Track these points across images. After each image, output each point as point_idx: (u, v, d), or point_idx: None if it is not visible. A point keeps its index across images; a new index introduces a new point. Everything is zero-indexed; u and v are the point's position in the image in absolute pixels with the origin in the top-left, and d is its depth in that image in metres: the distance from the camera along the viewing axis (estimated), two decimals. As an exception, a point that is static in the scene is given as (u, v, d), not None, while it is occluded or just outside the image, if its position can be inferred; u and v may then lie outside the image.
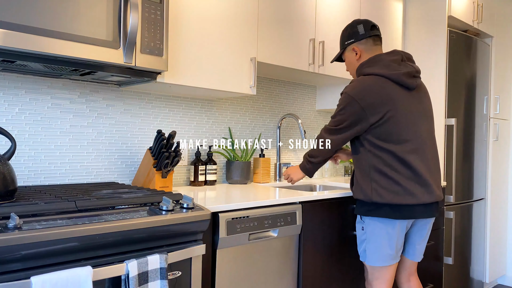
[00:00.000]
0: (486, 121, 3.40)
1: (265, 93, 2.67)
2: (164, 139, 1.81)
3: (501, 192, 3.62)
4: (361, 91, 1.77)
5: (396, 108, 1.77)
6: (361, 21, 1.95)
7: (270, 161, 2.54)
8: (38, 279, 1.02)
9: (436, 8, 2.99)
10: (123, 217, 1.25)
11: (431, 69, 3.00)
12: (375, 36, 1.94)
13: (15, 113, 1.71)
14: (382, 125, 1.76)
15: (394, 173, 1.75)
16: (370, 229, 1.84)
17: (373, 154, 1.78)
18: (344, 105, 1.81)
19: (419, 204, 1.77)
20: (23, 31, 1.30)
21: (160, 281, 1.25)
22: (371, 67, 1.84)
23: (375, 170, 1.78)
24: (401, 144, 1.76)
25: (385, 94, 1.77)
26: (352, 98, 1.78)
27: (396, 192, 1.74)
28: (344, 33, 1.99)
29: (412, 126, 1.79)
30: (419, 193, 1.76)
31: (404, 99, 1.79)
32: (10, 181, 1.27)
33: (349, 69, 2.03)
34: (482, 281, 3.41)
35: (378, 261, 1.83)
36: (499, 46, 3.54)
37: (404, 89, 1.81)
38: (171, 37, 1.78)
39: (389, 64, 1.82)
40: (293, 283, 1.88)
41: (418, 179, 1.76)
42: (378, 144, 1.77)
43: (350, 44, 1.96)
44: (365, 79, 1.81)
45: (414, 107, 1.82)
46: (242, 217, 1.64)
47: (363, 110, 1.76)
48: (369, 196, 1.78)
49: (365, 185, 1.80)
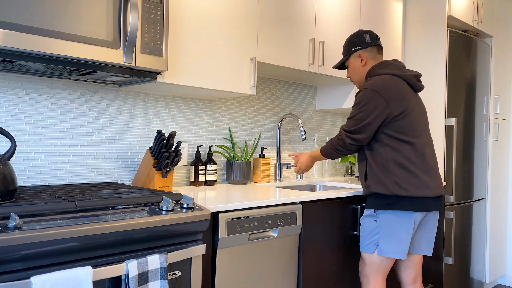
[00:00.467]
0: (486, 121, 3.40)
1: (265, 93, 2.67)
2: (164, 139, 1.81)
3: (501, 192, 3.62)
4: (383, 86, 1.88)
5: (412, 104, 1.90)
6: (366, 30, 2.10)
7: (270, 161, 2.54)
8: (38, 279, 1.02)
9: (436, 8, 2.99)
10: (123, 217, 1.25)
11: (431, 69, 3.00)
12: (379, 46, 2.07)
13: (15, 113, 1.71)
14: (403, 119, 1.86)
15: (413, 166, 1.84)
16: (387, 222, 1.87)
17: (391, 147, 1.86)
18: (367, 99, 1.87)
19: (433, 196, 1.87)
20: (23, 31, 1.30)
21: (160, 281, 1.25)
22: (384, 69, 1.96)
23: (394, 163, 1.85)
24: (418, 138, 1.88)
25: (404, 91, 1.90)
26: (376, 92, 1.87)
27: (415, 184, 1.83)
28: (350, 41, 2.10)
29: (422, 124, 1.92)
30: (433, 186, 1.86)
31: (413, 99, 1.94)
32: (10, 181, 1.27)
33: (353, 74, 2.11)
34: (482, 281, 3.41)
35: (395, 253, 1.86)
36: (499, 46, 3.54)
37: (412, 91, 1.97)
38: (171, 37, 1.78)
39: (400, 67, 1.98)
40: (293, 283, 1.88)
41: (430, 172, 1.87)
42: (398, 137, 1.86)
43: (357, 51, 2.07)
44: (384, 77, 1.92)
45: (420, 108, 1.96)
46: (242, 217, 1.64)
47: (387, 103, 1.85)
48: (390, 189, 1.84)
49: (385, 178, 1.86)
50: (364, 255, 1.95)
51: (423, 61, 3.05)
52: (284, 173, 2.79)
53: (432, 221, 1.97)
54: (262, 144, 2.66)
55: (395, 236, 1.86)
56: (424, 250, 2.00)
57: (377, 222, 1.90)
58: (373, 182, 1.89)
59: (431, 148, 1.94)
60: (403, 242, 1.86)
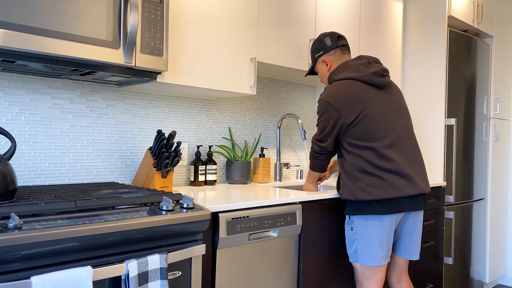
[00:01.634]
0: (486, 121, 3.40)
1: (265, 93, 2.67)
2: (164, 139, 1.81)
3: (501, 192, 3.62)
4: (334, 95, 1.87)
5: (369, 106, 1.85)
6: (327, 33, 2.07)
7: (270, 161, 2.54)
8: (38, 279, 1.02)
9: (436, 8, 2.99)
10: (123, 217, 1.25)
11: (431, 69, 3.00)
12: (343, 46, 2.05)
13: (15, 113, 1.71)
14: (358, 124, 1.84)
15: (376, 169, 1.81)
16: (360, 228, 1.86)
17: (353, 154, 1.85)
18: (322, 111, 1.91)
19: (404, 196, 1.81)
20: (23, 31, 1.30)
21: (160, 281, 1.25)
22: (341, 73, 1.94)
23: (357, 169, 1.84)
24: (379, 141, 1.83)
25: (358, 95, 1.86)
26: (327, 102, 1.88)
27: (380, 186, 1.80)
28: (313, 47, 2.10)
29: (388, 122, 1.86)
30: (402, 186, 1.81)
31: (376, 97, 1.88)
32: (10, 181, 1.27)
33: (323, 80, 2.13)
34: (482, 281, 3.41)
35: (370, 261, 1.84)
36: (499, 46, 3.54)
37: (375, 88, 1.91)
38: (171, 37, 1.78)
39: (357, 68, 1.92)
40: (293, 283, 1.88)
41: (398, 172, 1.82)
42: (357, 143, 1.84)
43: (320, 57, 2.07)
44: (336, 84, 1.91)
45: (387, 105, 1.90)
46: (242, 217, 1.64)
47: (339, 112, 1.85)
48: (355, 195, 1.83)
49: (351, 184, 1.85)
50: (353, 264, 1.94)
51: (423, 61, 3.04)
52: (284, 173, 2.79)
53: (414, 223, 1.92)
54: (262, 144, 2.66)
55: (369, 242, 1.83)
56: (409, 255, 1.95)
57: (354, 229, 1.89)
58: (342, 189, 1.90)
59: (407, 146, 1.87)
60: (378, 248, 1.82)
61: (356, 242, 1.88)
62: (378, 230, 1.82)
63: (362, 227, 1.85)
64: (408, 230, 1.93)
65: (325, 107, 1.88)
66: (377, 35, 2.83)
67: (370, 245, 1.83)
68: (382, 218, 1.82)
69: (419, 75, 3.07)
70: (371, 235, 1.83)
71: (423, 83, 3.04)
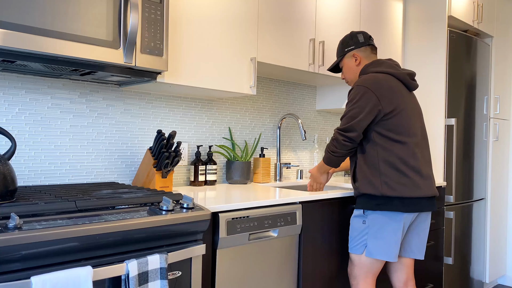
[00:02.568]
0: (486, 121, 3.40)
1: (265, 93, 2.67)
2: (164, 139, 1.81)
3: (501, 192, 3.62)
4: (375, 83, 1.86)
5: (404, 103, 1.88)
6: (360, 31, 2.10)
7: (270, 161, 2.54)
8: (38, 279, 1.02)
9: (436, 8, 2.99)
10: (123, 217, 1.25)
11: (431, 69, 3.00)
12: (373, 45, 2.08)
13: (15, 113, 1.71)
14: (395, 117, 1.84)
15: (403, 166, 1.81)
16: (377, 223, 1.85)
17: (382, 147, 1.84)
18: (359, 96, 1.85)
19: (424, 197, 1.84)
20: (23, 31, 1.30)
21: (160, 281, 1.25)
22: (378, 67, 1.95)
23: (385, 163, 1.82)
24: (410, 137, 1.85)
25: (396, 89, 1.88)
26: (367, 88, 1.85)
27: (404, 184, 1.80)
28: (344, 41, 2.10)
29: (416, 123, 1.90)
30: (424, 186, 1.84)
31: (407, 97, 1.91)
32: (10, 181, 1.27)
33: (347, 74, 2.10)
34: (482, 281, 3.41)
35: (384, 256, 1.83)
36: (499, 46, 3.54)
37: (406, 89, 1.94)
38: (171, 37, 1.78)
39: (393, 66, 1.96)
40: (293, 283, 1.88)
41: (421, 172, 1.84)
42: (390, 136, 1.83)
43: (351, 51, 2.07)
44: (375, 75, 1.91)
45: (413, 106, 1.93)
46: (242, 217, 1.64)
47: (378, 100, 1.83)
48: (379, 190, 1.81)
49: (374, 178, 1.83)
50: (353, 256, 1.93)
51: (423, 61, 3.04)
52: (284, 173, 2.79)
53: (423, 222, 1.94)
54: (262, 144, 2.66)
55: (383, 237, 1.83)
56: (415, 254, 1.96)
57: (366, 223, 1.87)
58: (362, 183, 1.87)
59: (425, 149, 1.92)
60: (392, 244, 1.83)
61: (368, 235, 1.86)
62: (396, 227, 1.82)
63: (379, 223, 1.84)
64: (417, 229, 1.95)
65: (363, 92, 1.84)
66: (377, 35, 2.83)
67: (385, 240, 1.83)
68: (401, 216, 1.83)
69: (419, 75, 3.07)
70: (389, 231, 1.83)
71: (423, 83, 3.04)
